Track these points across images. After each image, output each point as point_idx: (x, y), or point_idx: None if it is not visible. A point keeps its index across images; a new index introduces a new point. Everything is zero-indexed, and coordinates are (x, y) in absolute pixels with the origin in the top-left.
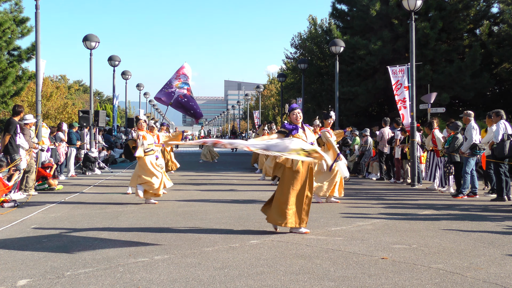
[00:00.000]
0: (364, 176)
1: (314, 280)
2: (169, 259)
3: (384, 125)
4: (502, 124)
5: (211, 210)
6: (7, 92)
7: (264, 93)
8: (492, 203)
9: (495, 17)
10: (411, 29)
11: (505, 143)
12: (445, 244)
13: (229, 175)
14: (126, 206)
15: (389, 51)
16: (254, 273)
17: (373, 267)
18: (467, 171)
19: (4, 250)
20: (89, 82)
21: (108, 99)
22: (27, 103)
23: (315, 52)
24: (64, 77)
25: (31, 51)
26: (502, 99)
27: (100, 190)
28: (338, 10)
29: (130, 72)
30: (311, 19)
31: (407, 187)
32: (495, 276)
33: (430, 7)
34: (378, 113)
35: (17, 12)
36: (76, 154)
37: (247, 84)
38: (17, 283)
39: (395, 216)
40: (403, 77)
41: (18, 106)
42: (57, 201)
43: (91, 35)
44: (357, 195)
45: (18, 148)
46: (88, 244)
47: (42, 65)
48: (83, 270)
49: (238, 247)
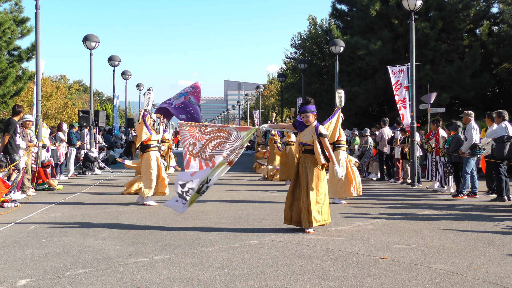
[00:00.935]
0: (364, 176)
1: (314, 280)
2: (169, 259)
3: (383, 125)
4: (503, 125)
5: (211, 210)
6: (7, 92)
7: (264, 93)
8: (492, 203)
9: (495, 17)
10: (411, 29)
11: (505, 144)
12: (445, 244)
13: (229, 175)
14: (126, 206)
15: (389, 51)
16: (254, 273)
17: (373, 267)
18: (467, 171)
19: (4, 250)
20: (89, 82)
21: (108, 99)
22: (27, 103)
23: (315, 52)
24: (64, 77)
25: (31, 51)
26: (502, 99)
27: (100, 190)
28: (338, 10)
29: (130, 72)
30: (311, 19)
31: (407, 187)
32: (495, 276)
33: (430, 7)
34: (378, 113)
35: (17, 12)
36: (76, 154)
37: (247, 84)
38: (17, 283)
39: (395, 216)
40: (403, 77)
41: (18, 106)
42: (57, 201)
43: (91, 35)
44: (357, 195)
45: (17, 148)
46: (88, 244)
47: (42, 65)
48: (83, 270)
49: (238, 247)
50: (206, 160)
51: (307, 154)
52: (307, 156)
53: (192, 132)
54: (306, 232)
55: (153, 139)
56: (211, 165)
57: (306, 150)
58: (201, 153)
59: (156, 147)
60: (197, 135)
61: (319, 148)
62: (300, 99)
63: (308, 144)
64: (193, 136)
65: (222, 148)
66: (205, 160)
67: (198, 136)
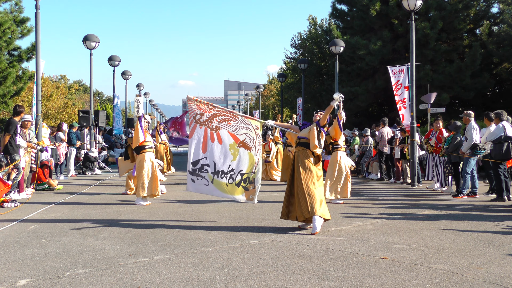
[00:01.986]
0: (364, 176)
1: (314, 280)
2: (169, 259)
3: (383, 125)
4: (501, 125)
5: (211, 210)
6: (7, 92)
7: (264, 93)
8: (492, 203)
9: (495, 17)
10: (411, 29)
11: (502, 145)
12: (445, 244)
13: None
14: (126, 206)
15: (389, 51)
16: (254, 273)
17: (373, 267)
18: (467, 171)
19: (4, 250)
20: (89, 82)
21: (108, 99)
22: (27, 103)
23: (315, 52)
24: (64, 77)
25: (31, 51)
26: (502, 99)
27: (100, 190)
28: (338, 10)
29: (130, 72)
30: (311, 19)
31: (407, 187)
32: (495, 276)
33: (430, 7)
34: (378, 113)
35: (17, 12)
36: (76, 154)
37: (247, 84)
38: (17, 283)
39: (395, 216)
40: (403, 77)
41: (19, 106)
42: (57, 201)
43: (91, 35)
44: (357, 195)
45: (18, 148)
46: (88, 244)
47: (42, 65)
48: (83, 270)
49: (238, 247)
50: (212, 130)
51: (301, 147)
52: (301, 149)
53: (200, 107)
54: (308, 228)
55: (147, 141)
56: (216, 139)
57: (300, 143)
58: (207, 123)
59: (150, 148)
60: (205, 109)
61: (315, 132)
62: (300, 99)
63: (304, 137)
64: (201, 109)
65: (228, 124)
66: (210, 129)
67: (206, 110)
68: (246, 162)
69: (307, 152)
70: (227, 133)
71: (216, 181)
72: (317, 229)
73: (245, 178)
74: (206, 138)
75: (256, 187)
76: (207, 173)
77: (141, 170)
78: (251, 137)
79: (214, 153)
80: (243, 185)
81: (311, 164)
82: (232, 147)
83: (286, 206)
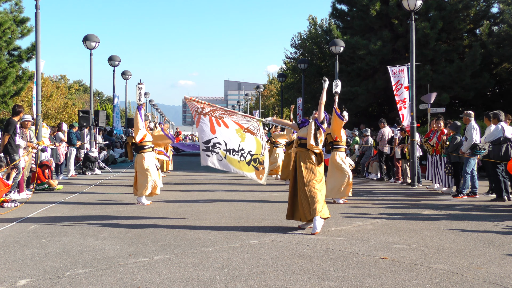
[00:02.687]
0: (364, 176)
1: (314, 280)
2: (169, 259)
3: (383, 126)
4: (500, 126)
5: (211, 210)
6: (7, 92)
7: (264, 93)
8: (492, 203)
9: (495, 17)
10: (411, 29)
11: (501, 146)
12: (445, 244)
13: (229, 175)
14: (126, 206)
15: (389, 51)
16: (254, 273)
17: (373, 267)
18: (467, 171)
19: (4, 250)
20: (89, 82)
21: (108, 99)
22: (27, 103)
23: (315, 52)
24: (64, 77)
25: (31, 51)
26: (502, 99)
27: (100, 190)
28: (338, 10)
29: (130, 72)
30: (311, 19)
31: (407, 187)
32: (495, 276)
33: (430, 7)
34: (378, 113)
35: (17, 12)
36: (76, 154)
37: (247, 84)
38: (17, 283)
39: (395, 216)
40: (403, 77)
41: (18, 106)
42: (57, 201)
43: (91, 35)
44: (357, 195)
45: (17, 148)
46: (88, 244)
47: (42, 65)
48: (83, 270)
49: (238, 247)
50: (217, 118)
51: (302, 148)
52: (302, 150)
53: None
54: (308, 228)
55: (146, 140)
56: (222, 124)
57: (301, 144)
58: (210, 113)
59: (150, 148)
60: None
61: (312, 129)
62: (300, 99)
63: (304, 138)
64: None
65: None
66: (215, 118)
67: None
68: (254, 145)
69: (308, 153)
70: (231, 121)
71: (228, 157)
72: (318, 229)
73: (254, 158)
74: (213, 124)
75: (265, 168)
76: (220, 150)
77: (142, 169)
78: (254, 126)
79: (223, 134)
80: (254, 164)
81: (312, 165)
82: (239, 132)
83: (290, 207)
